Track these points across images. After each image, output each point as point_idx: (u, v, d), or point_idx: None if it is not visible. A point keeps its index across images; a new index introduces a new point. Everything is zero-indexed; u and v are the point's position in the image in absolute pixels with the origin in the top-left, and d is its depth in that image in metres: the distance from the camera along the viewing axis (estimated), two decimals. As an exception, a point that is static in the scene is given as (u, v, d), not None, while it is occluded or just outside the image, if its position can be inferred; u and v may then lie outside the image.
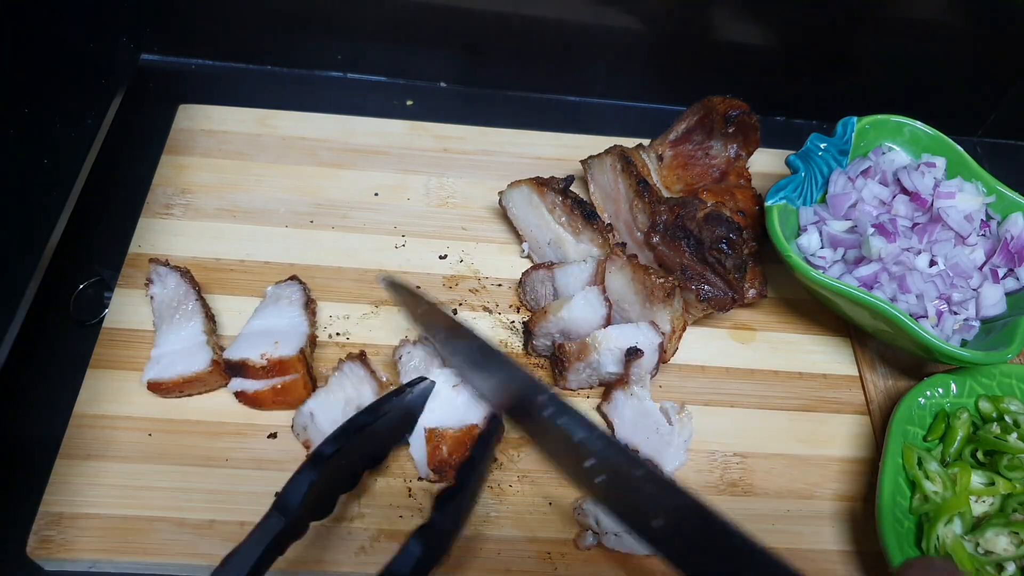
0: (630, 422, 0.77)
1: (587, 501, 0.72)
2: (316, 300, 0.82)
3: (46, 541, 0.66)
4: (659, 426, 0.76)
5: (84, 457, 0.70)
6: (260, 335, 0.76)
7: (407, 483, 0.73)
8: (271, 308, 0.79)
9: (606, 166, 0.92)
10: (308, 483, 0.59)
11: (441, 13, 1.03)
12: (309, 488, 0.59)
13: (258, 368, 0.73)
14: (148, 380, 0.73)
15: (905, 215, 0.86)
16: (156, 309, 0.78)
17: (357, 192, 0.94)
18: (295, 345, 0.74)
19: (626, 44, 1.08)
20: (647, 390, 0.78)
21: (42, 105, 0.80)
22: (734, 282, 0.82)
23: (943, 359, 0.77)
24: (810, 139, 0.91)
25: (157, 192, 0.90)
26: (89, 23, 0.90)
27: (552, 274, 0.83)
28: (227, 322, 0.80)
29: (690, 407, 0.79)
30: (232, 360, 0.74)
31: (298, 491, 0.58)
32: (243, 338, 0.76)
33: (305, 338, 0.76)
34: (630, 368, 0.76)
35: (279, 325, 0.77)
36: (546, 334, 0.80)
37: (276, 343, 0.74)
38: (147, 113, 0.98)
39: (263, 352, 0.73)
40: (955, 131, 0.94)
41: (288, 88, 1.08)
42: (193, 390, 0.75)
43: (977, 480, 0.74)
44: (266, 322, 0.77)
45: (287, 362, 0.73)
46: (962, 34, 1.06)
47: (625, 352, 0.76)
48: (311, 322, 0.78)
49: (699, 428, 0.79)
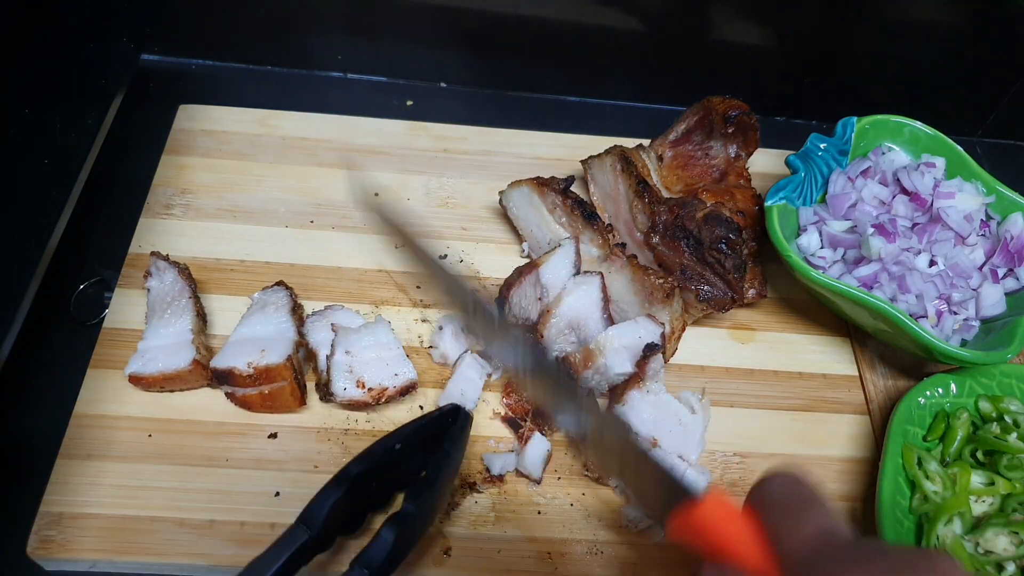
0: (650, 419, 0.75)
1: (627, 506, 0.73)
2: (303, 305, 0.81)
3: (46, 541, 0.66)
4: (681, 417, 0.76)
5: (84, 457, 0.70)
6: (247, 342, 0.75)
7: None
8: (258, 315, 0.78)
9: (606, 166, 0.92)
10: (333, 500, 0.61)
11: (441, 13, 1.03)
12: (334, 505, 0.60)
13: (245, 376, 0.72)
14: (129, 373, 0.73)
15: (905, 215, 0.86)
16: (150, 302, 0.77)
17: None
18: (282, 352, 0.73)
19: (626, 44, 1.08)
20: (662, 384, 0.77)
21: (42, 105, 0.80)
22: (734, 282, 0.82)
23: (943, 359, 0.77)
24: (810, 139, 0.91)
25: (157, 192, 0.90)
26: (89, 23, 0.90)
27: (536, 273, 0.82)
28: (227, 322, 0.80)
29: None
30: (219, 368, 0.73)
31: (322, 507, 0.60)
32: (230, 346, 0.75)
33: (292, 344, 0.75)
34: (647, 365, 0.76)
35: (266, 332, 0.76)
36: (558, 333, 0.80)
37: (263, 351, 0.73)
38: (147, 113, 0.98)
39: (250, 360, 0.73)
40: (955, 131, 0.94)
41: (288, 88, 1.08)
42: (174, 387, 0.75)
43: (977, 480, 0.74)
44: (253, 329, 0.77)
45: (274, 370, 0.72)
46: (962, 34, 1.06)
47: (644, 348, 0.76)
48: (298, 328, 0.77)
49: (699, 428, 0.79)
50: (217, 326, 0.80)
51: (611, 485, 0.74)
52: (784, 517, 0.43)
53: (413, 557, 0.68)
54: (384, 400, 0.74)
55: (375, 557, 0.58)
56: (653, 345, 0.76)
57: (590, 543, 0.71)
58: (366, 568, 0.58)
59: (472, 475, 0.74)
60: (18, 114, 0.77)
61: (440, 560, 0.69)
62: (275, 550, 0.58)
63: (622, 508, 0.73)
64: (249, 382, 0.73)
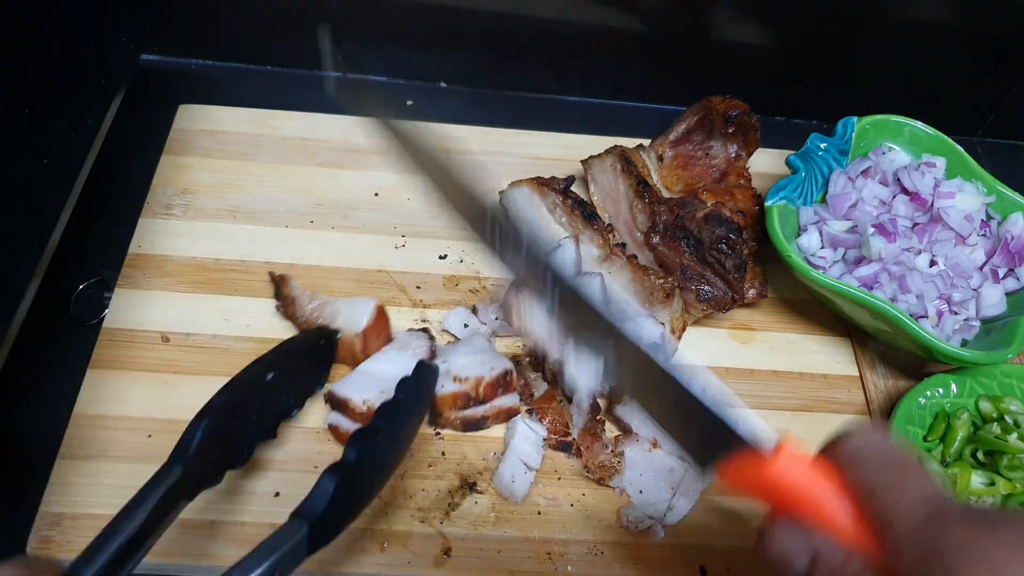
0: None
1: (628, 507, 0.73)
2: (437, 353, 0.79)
3: (46, 541, 0.66)
4: None
5: (84, 457, 0.70)
6: (372, 378, 0.74)
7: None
8: (395, 354, 0.77)
9: (606, 166, 0.92)
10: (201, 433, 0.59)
11: (441, 13, 1.03)
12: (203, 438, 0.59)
13: (357, 413, 0.72)
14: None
15: (905, 215, 0.86)
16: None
17: (357, 192, 0.94)
18: None
19: (626, 44, 1.08)
20: None
21: (42, 105, 0.80)
22: (734, 282, 0.82)
23: (943, 359, 0.77)
24: (810, 139, 0.91)
25: (157, 192, 0.90)
26: (89, 23, 0.90)
27: None
28: (228, 322, 0.80)
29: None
30: (337, 395, 0.73)
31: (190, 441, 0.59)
32: (357, 375, 0.75)
33: None
34: None
35: (392, 373, 0.74)
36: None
37: (382, 392, 0.72)
38: (147, 113, 0.98)
39: (366, 398, 0.72)
40: (955, 131, 0.94)
41: (288, 88, 1.08)
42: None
43: (977, 480, 0.75)
44: (384, 367, 0.76)
45: None
46: (962, 34, 1.06)
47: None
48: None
49: (699, 428, 0.79)
50: (217, 326, 0.80)
51: (612, 485, 0.74)
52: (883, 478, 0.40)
53: (413, 557, 0.68)
54: (483, 388, 0.74)
55: (314, 508, 0.55)
56: (655, 344, 0.76)
57: (590, 543, 0.71)
58: (305, 520, 0.55)
59: (472, 475, 0.74)
60: (18, 114, 0.77)
61: (440, 560, 0.69)
62: (150, 486, 0.55)
63: (622, 508, 0.73)
64: (360, 419, 0.72)
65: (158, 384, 0.76)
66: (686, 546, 0.72)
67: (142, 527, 0.53)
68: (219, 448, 0.62)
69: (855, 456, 0.42)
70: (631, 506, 0.73)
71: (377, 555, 0.68)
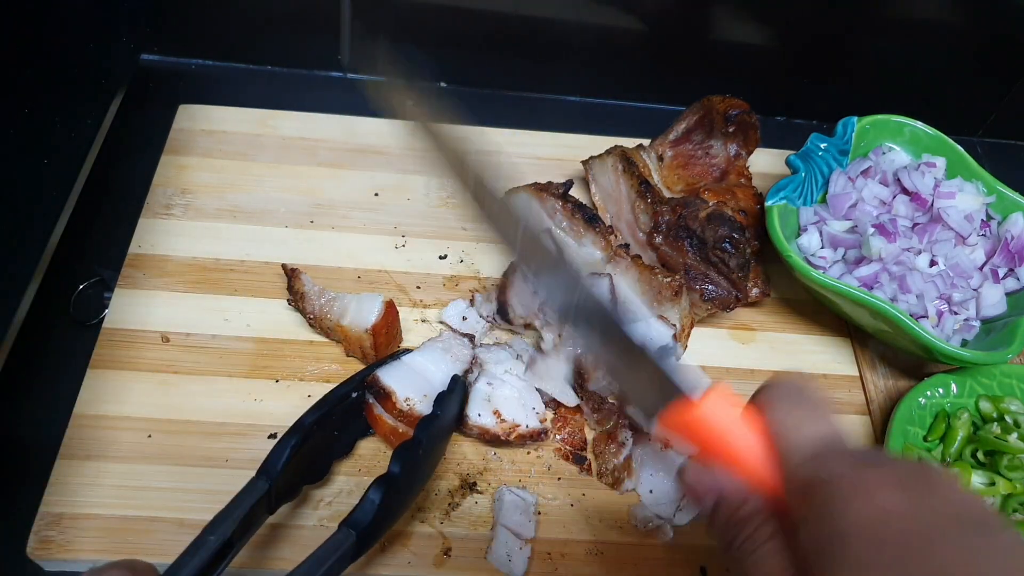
0: None
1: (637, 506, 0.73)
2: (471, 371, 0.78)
3: (46, 541, 0.66)
4: None
5: (84, 457, 0.70)
6: (415, 373, 0.74)
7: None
8: (439, 354, 0.77)
9: (607, 167, 0.92)
10: (289, 449, 0.62)
11: (441, 13, 1.03)
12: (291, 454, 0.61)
13: (396, 408, 0.72)
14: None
15: (905, 215, 0.86)
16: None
17: (357, 192, 0.94)
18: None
19: (626, 44, 1.08)
20: None
21: (42, 105, 0.80)
22: (738, 281, 0.82)
23: (943, 359, 0.77)
24: (810, 139, 0.91)
25: (157, 192, 0.90)
26: (89, 23, 0.90)
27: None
28: (227, 322, 0.80)
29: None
30: (382, 381, 0.72)
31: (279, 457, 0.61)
32: (401, 365, 0.75)
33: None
34: None
35: (436, 378, 0.75)
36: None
37: (424, 396, 0.72)
38: (147, 113, 0.98)
39: (408, 397, 0.72)
40: (955, 131, 0.94)
41: (288, 88, 1.08)
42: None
43: (977, 480, 0.75)
44: (427, 365, 0.75)
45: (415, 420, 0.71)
46: (962, 34, 1.06)
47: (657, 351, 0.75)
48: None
49: (699, 428, 0.79)
50: (217, 326, 0.80)
51: (624, 488, 0.74)
52: (788, 417, 0.43)
53: (413, 557, 0.68)
54: (513, 436, 0.73)
55: (362, 519, 0.59)
56: (666, 348, 0.75)
57: (590, 543, 0.71)
58: (353, 529, 0.58)
59: (472, 475, 0.74)
60: (18, 114, 0.77)
61: (440, 560, 0.69)
62: (238, 499, 0.58)
63: (631, 508, 0.73)
64: (396, 414, 0.72)
65: (158, 384, 0.76)
66: (687, 547, 0.72)
67: (228, 539, 0.56)
68: (301, 465, 0.64)
69: (771, 399, 0.45)
70: (640, 505, 0.73)
71: (377, 555, 0.68)
